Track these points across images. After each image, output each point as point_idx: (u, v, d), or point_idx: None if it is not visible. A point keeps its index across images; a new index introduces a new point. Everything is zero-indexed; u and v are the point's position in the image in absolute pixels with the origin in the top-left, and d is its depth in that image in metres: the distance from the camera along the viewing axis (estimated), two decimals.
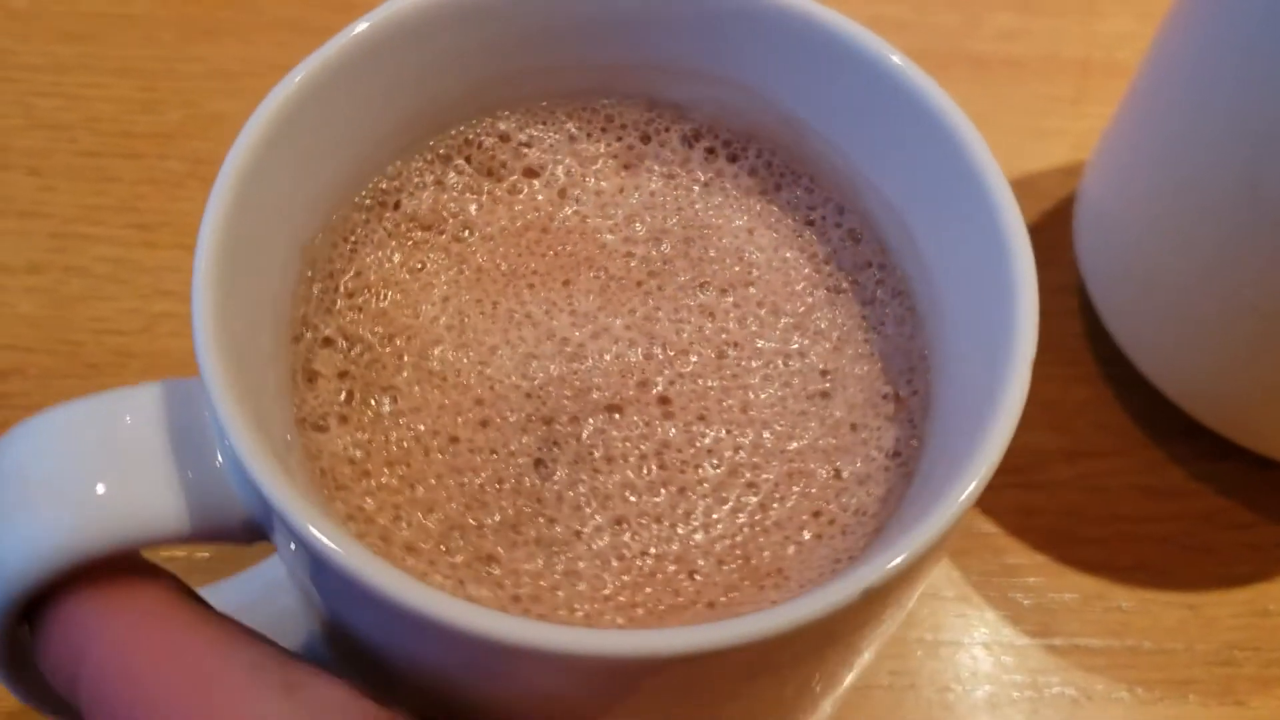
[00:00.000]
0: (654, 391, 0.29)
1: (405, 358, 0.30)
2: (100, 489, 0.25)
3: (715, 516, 0.27)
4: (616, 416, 0.29)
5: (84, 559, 0.25)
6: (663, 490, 0.28)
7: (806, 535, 0.27)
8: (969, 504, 0.23)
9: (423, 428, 0.28)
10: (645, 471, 0.28)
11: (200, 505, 0.25)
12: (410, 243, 0.32)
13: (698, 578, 0.27)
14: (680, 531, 0.27)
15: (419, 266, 0.31)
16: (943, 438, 0.27)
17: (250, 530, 0.26)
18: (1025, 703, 0.42)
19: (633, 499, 0.28)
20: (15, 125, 0.53)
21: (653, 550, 0.27)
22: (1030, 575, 0.44)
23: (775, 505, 0.28)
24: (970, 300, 0.28)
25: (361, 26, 0.30)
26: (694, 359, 0.30)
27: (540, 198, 0.33)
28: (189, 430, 0.26)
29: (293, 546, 0.24)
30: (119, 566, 0.25)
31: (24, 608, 0.25)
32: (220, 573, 0.34)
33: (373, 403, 0.29)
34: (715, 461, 0.28)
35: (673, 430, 0.29)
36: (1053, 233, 0.52)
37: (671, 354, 0.30)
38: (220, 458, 0.25)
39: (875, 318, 0.31)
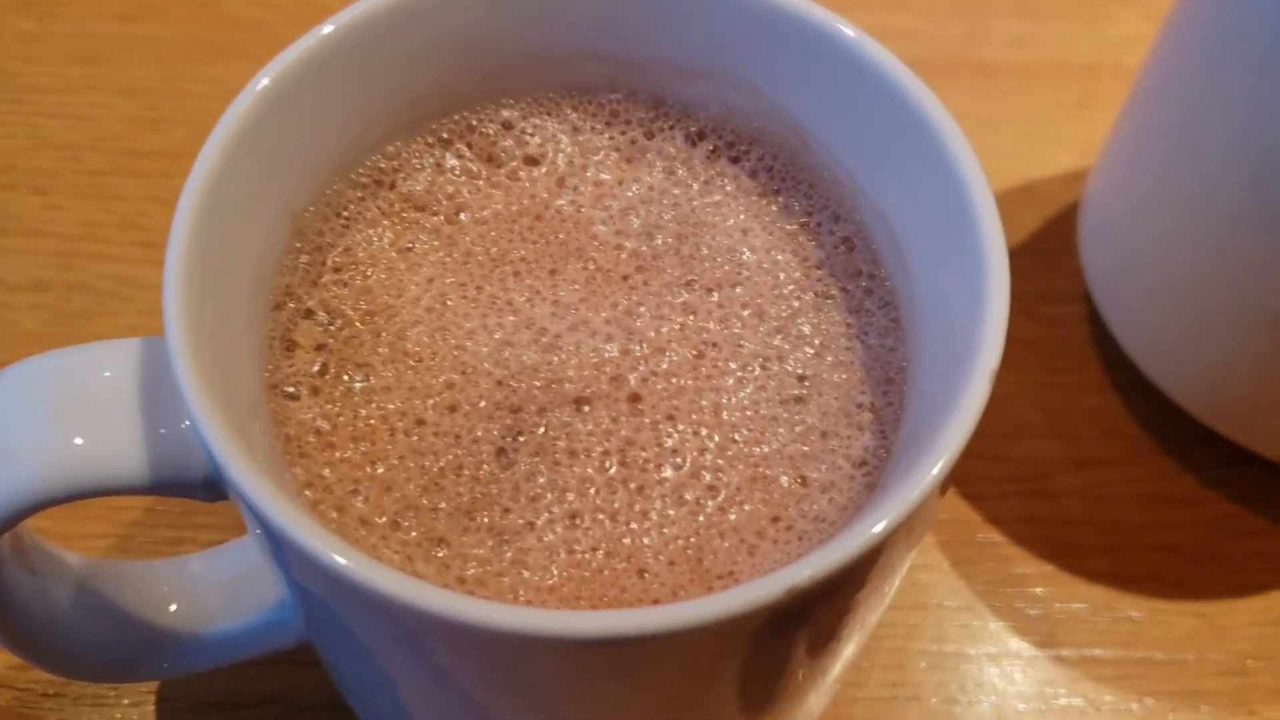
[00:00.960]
0: (625, 388, 0.29)
1: (383, 335, 0.30)
2: (76, 440, 0.26)
3: (671, 515, 0.27)
4: (585, 410, 0.29)
5: (46, 504, 0.25)
6: (621, 488, 0.28)
7: (763, 539, 0.27)
8: (904, 518, 0.22)
9: (392, 407, 0.29)
10: (606, 467, 0.28)
11: (164, 462, 0.26)
12: (402, 223, 0.32)
13: (646, 575, 0.27)
14: (634, 528, 0.27)
15: (408, 247, 0.32)
16: (906, 449, 0.27)
17: (211, 489, 0.26)
18: (1032, 714, 0.41)
19: (590, 494, 0.27)
20: (22, 145, 0.52)
21: (603, 547, 0.27)
22: (1037, 585, 0.43)
23: (734, 509, 0.28)
24: (945, 314, 0.27)
25: (370, 2, 0.30)
26: (671, 357, 0.30)
27: (538, 185, 0.33)
28: (163, 387, 0.26)
29: (244, 510, 0.25)
30: None
31: None
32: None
33: (345, 378, 0.29)
34: (678, 461, 0.28)
35: (639, 428, 0.28)
36: (1058, 239, 0.51)
37: (648, 351, 0.30)
38: (186, 419, 0.26)
39: (860, 327, 0.31)
